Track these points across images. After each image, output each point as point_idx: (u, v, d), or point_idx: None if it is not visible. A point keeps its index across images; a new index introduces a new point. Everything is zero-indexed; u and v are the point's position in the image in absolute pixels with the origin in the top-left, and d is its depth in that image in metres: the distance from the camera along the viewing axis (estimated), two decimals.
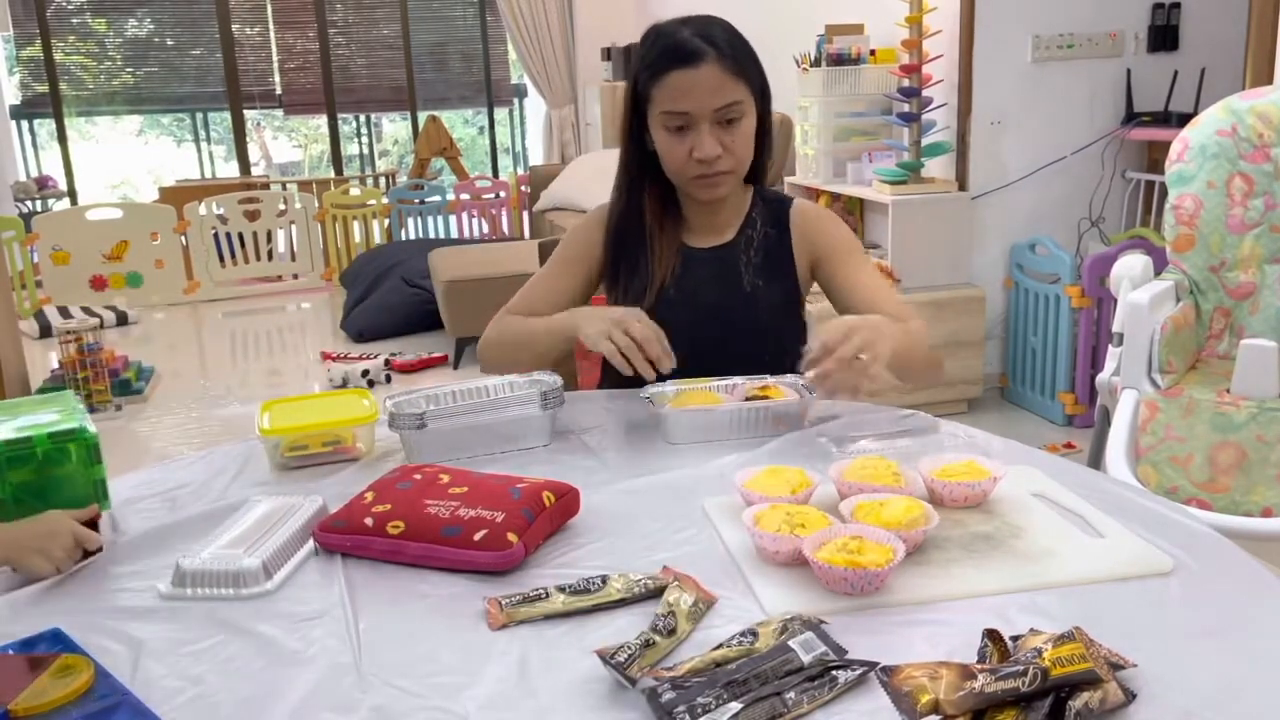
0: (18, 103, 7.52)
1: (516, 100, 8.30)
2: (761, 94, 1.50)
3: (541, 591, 0.91)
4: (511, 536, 0.98)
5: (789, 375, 1.40)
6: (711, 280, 1.57)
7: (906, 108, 3.42)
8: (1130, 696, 0.72)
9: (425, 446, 1.27)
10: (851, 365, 1.19)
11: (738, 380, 1.39)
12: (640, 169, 1.56)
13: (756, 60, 1.49)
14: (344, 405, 1.35)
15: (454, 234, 6.78)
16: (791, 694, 0.74)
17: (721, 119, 1.45)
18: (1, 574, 1.01)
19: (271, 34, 7.47)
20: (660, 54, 1.46)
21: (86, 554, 1.02)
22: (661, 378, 1.35)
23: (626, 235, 1.58)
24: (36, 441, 1.06)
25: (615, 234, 1.60)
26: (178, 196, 6.26)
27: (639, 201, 1.57)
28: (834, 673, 0.76)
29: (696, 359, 1.47)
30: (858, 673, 0.76)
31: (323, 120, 7.68)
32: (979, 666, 0.74)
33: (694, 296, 1.55)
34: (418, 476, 1.11)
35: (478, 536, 0.98)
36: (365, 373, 4.20)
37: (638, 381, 1.40)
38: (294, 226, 6.30)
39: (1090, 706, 0.70)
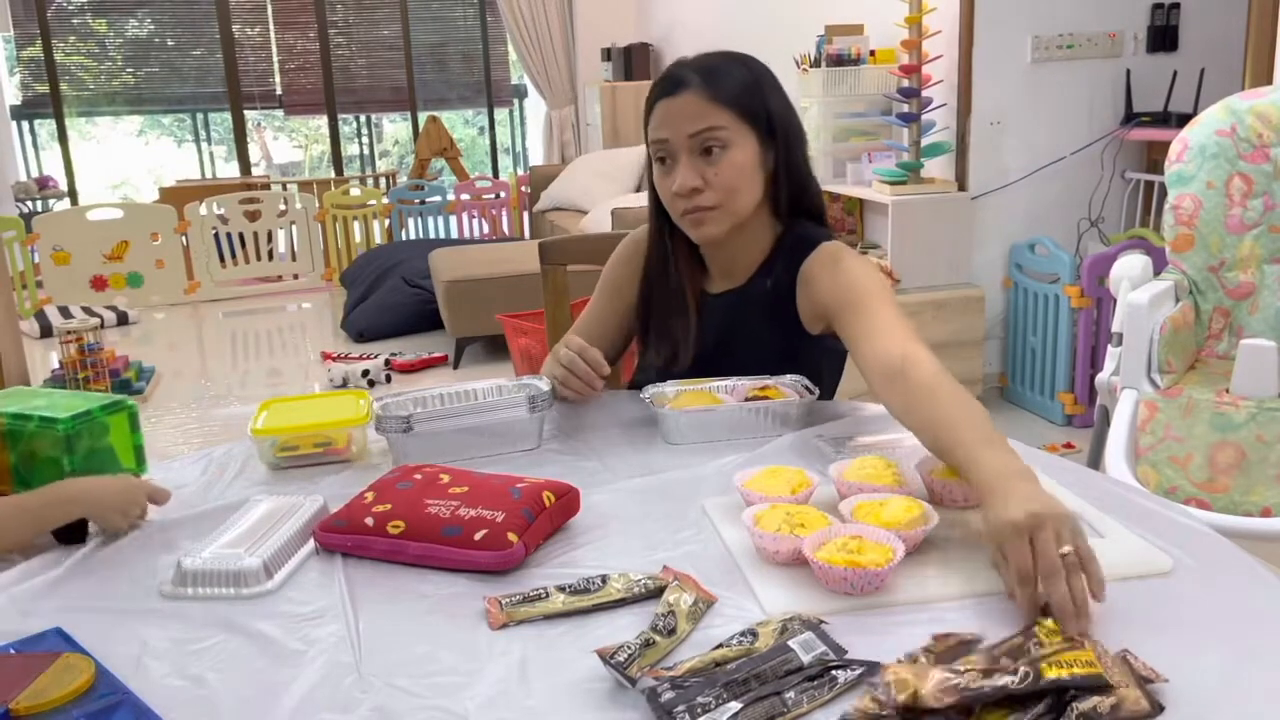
0: (18, 103, 7.53)
1: (516, 101, 8.31)
2: (771, 130, 1.39)
3: (541, 591, 0.91)
4: (512, 536, 0.98)
5: (788, 376, 1.40)
6: (721, 325, 1.49)
7: (906, 108, 3.42)
8: (1158, 709, 0.71)
9: (412, 449, 1.27)
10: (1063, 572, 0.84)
11: (738, 381, 1.39)
12: (661, 215, 1.47)
13: (759, 92, 1.39)
14: (339, 406, 1.36)
15: (454, 234, 6.79)
16: (791, 694, 0.74)
17: (700, 148, 1.35)
18: (3, 574, 1.02)
19: (272, 34, 7.47)
20: (654, 87, 1.41)
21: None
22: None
23: (653, 291, 1.52)
24: (95, 413, 1.16)
25: (645, 287, 1.54)
26: (178, 196, 6.26)
27: (664, 251, 1.50)
28: (833, 672, 0.76)
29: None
30: (857, 673, 0.76)
31: (323, 120, 7.68)
32: (966, 664, 0.74)
33: (703, 339, 1.50)
34: (418, 476, 1.11)
35: (478, 536, 0.98)
36: (365, 373, 4.20)
37: (639, 383, 1.41)
38: (294, 226, 6.30)
39: (1100, 711, 0.69)
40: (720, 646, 0.81)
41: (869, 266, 1.40)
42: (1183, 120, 2.57)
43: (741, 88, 1.37)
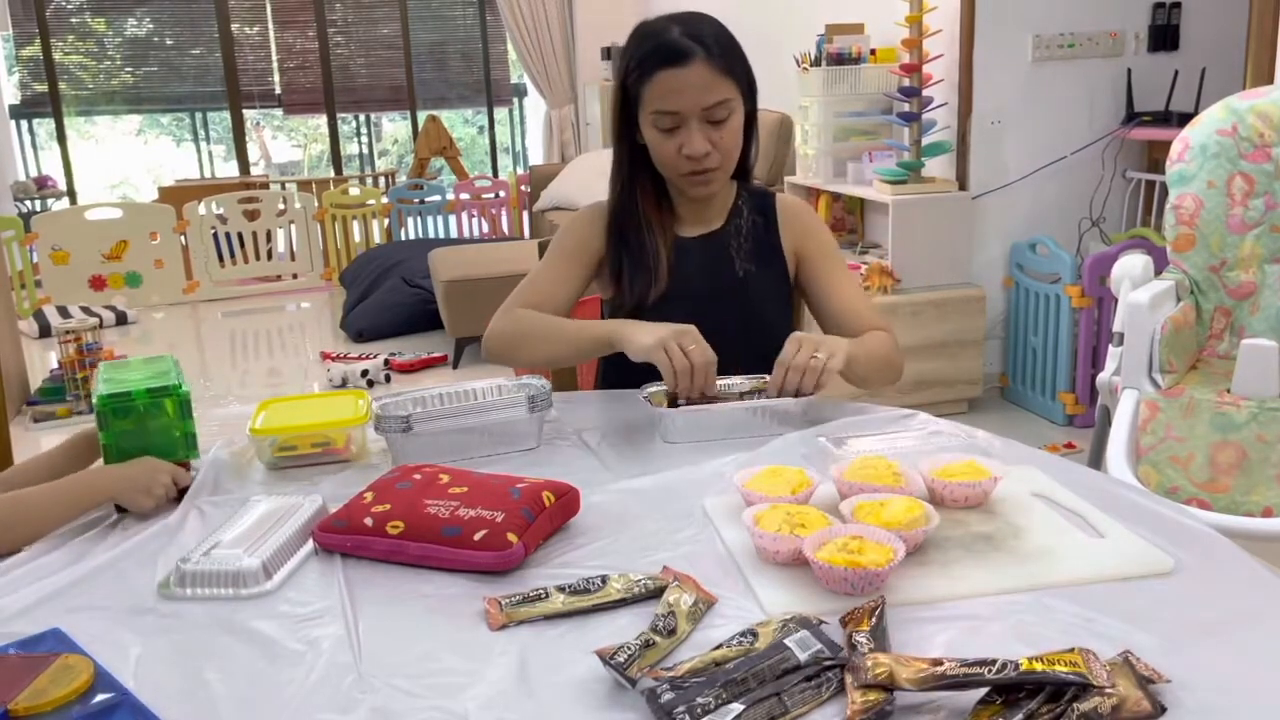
0: (17, 102, 7.52)
1: (516, 100, 8.30)
2: (749, 90, 1.51)
3: (541, 591, 0.91)
4: (511, 536, 0.98)
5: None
6: (704, 268, 1.58)
7: (907, 107, 3.42)
8: (1160, 709, 0.71)
9: (411, 449, 1.26)
10: (808, 368, 1.32)
11: (739, 379, 1.39)
12: (633, 165, 1.57)
13: (743, 57, 1.50)
14: (338, 406, 1.35)
15: (454, 234, 6.78)
16: (790, 694, 0.74)
17: (710, 117, 1.46)
18: (3, 575, 1.02)
19: (271, 33, 7.47)
20: (649, 54, 1.46)
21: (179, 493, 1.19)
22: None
23: (626, 231, 1.59)
24: (136, 395, 1.19)
25: (616, 231, 1.60)
26: (177, 196, 6.26)
27: (635, 197, 1.58)
28: (831, 673, 0.76)
29: None
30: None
31: (322, 120, 7.68)
32: (948, 658, 0.75)
33: (688, 285, 1.56)
34: (417, 476, 1.11)
35: (478, 536, 0.98)
36: (365, 373, 4.20)
37: (636, 382, 1.41)
38: (294, 226, 6.30)
39: (1101, 711, 0.69)
40: (720, 646, 0.80)
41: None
42: (1184, 120, 2.57)
43: (733, 53, 1.48)
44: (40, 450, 1.34)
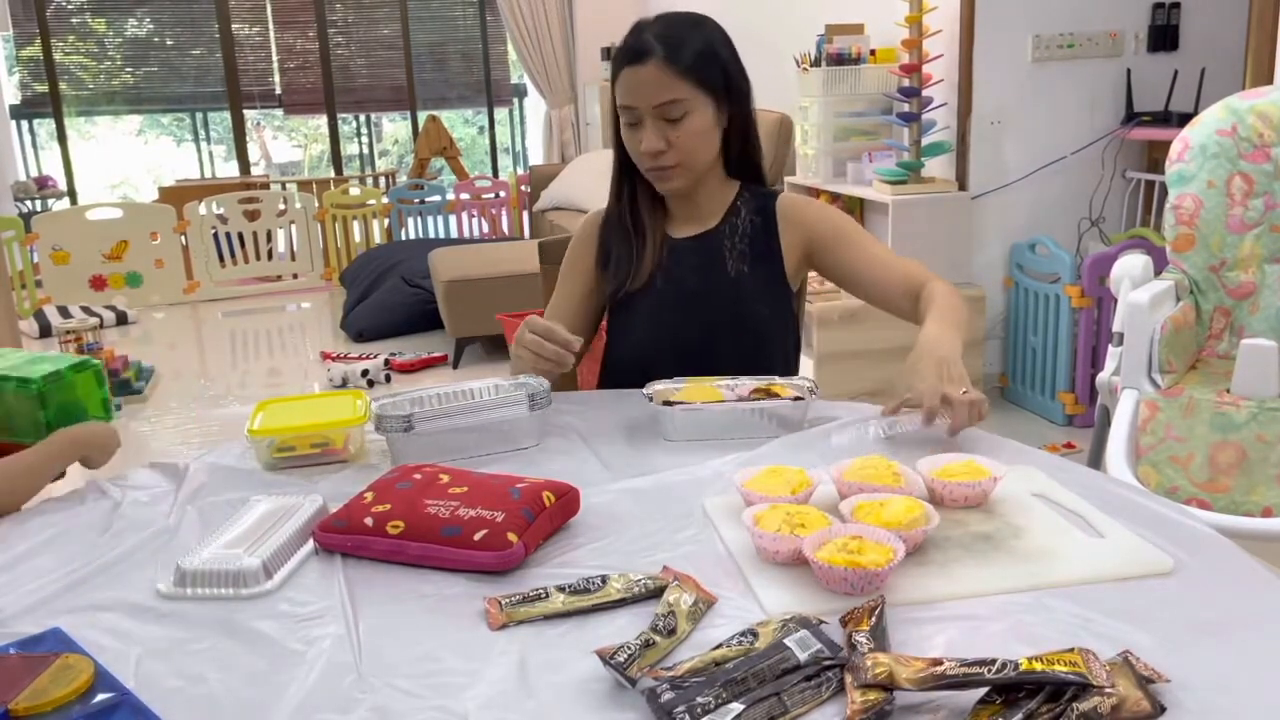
0: (17, 102, 7.52)
1: (516, 100, 8.30)
2: (727, 93, 1.51)
3: (541, 591, 0.91)
4: (511, 536, 0.98)
5: (795, 377, 1.40)
6: (696, 268, 1.59)
7: (906, 107, 3.42)
8: (1159, 709, 0.71)
9: (411, 449, 1.27)
10: (960, 404, 1.22)
11: (743, 379, 1.39)
12: (626, 163, 1.59)
13: (718, 59, 1.49)
14: (336, 406, 1.35)
15: (454, 234, 6.78)
16: (790, 694, 0.74)
17: (663, 115, 1.47)
18: (3, 574, 1.02)
19: (271, 34, 7.47)
20: (619, 51, 1.50)
21: None
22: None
23: (618, 226, 1.62)
24: (65, 373, 1.36)
25: (609, 226, 1.63)
26: (177, 196, 6.26)
27: (629, 194, 1.61)
28: (831, 673, 0.76)
29: (682, 351, 1.52)
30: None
31: (323, 120, 7.67)
32: (948, 658, 0.75)
33: (679, 285, 1.58)
34: (417, 476, 1.11)
35: (478, 536, 0.98)
36: (365, 373, 4.20)
37: (639, 381, 1.41)
38: (294, 226, 6.30)
39: (1100, 711, 0.69)
40: (720, 646, 0.80)
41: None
42: (1183, 120, 2.57)
43: (699, 57, 1.47)
44: None
